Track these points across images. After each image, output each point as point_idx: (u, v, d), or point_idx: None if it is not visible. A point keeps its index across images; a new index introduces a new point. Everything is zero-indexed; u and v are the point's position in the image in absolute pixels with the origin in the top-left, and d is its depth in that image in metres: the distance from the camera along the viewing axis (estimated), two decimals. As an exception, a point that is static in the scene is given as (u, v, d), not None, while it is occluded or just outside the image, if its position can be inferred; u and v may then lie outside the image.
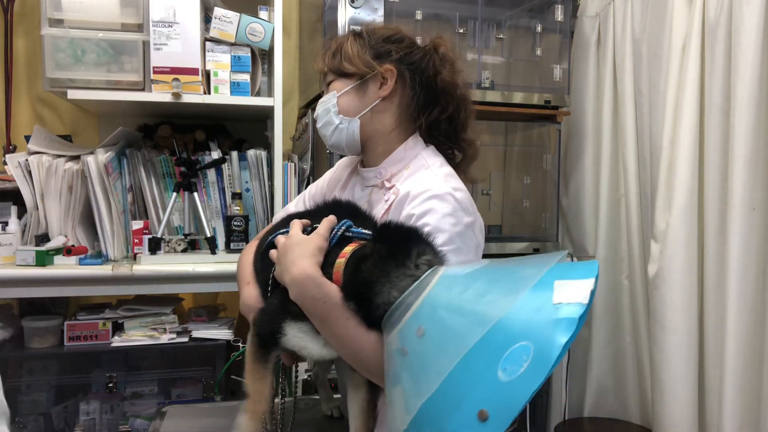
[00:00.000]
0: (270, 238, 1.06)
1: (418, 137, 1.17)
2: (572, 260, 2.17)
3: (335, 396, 1.38)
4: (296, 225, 1.00)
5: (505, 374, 0.60)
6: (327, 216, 0.98)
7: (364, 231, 0.96)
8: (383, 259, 0.86)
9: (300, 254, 0.93)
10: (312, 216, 1.04)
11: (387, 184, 1.14)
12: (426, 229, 0.95)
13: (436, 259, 0.87)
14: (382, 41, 1.16)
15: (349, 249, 0.92)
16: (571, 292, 0.63)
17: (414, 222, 0.99)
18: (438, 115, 1.16)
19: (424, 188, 1.04)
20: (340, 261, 0.91)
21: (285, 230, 1.02)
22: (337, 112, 1.15)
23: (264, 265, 1.06)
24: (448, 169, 1.13)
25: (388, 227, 0.94)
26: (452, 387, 0.64)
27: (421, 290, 0.79)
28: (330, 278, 0.91)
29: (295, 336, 0.94)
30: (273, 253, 1.01)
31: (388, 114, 1.15)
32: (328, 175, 1.35)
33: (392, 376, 0.77)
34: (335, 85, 1.17)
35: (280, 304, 0.96)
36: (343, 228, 0.96)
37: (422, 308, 0.76)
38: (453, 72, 1.17)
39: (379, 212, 1.10)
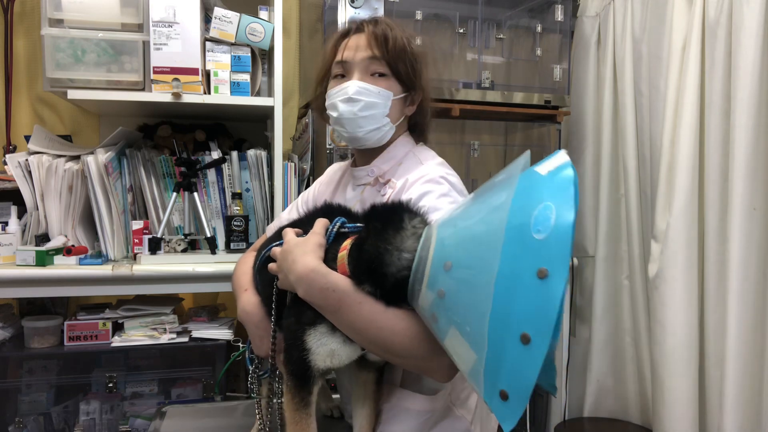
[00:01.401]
0: (264, 253, 1.07)
1: (409, 135, 1.22)
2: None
3: (334, 396, 1.37)
4: (290, 232, 1.00)
5: (541, 234, 0.63)
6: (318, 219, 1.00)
7: (358, 225, 0.97)
8: (381, 232, 0.87)
9: (300, 253, 0.93)
10: (303, 224, 1.05)
11: (381, 180, 1.16)
12: (423, 210, 0.97)
13: (427, 221, 0.90)
14: (420, 59, 1.17)
15: (348, 242, 0.93)
16: (552, 162, 0.70)
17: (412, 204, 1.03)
18: (425, 122, 1.23)
19: (419, 175, 1.08)
20: (342, 254, 0.91)
21: (278, 242, 1.02)
22: (385, 114, 1.14)
23: (263, 281, 1.05)
24: (440, 159, 1.18)
25: (375, 208, 0.96)
26: (506, 269, 0.65)
27: (429, 240, 0.81)
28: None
29: (319, 344, 0.92)
30: (272, 266, 1.00)
31: (402, 126, 1.21)
32: (320, 180, 1.37)
33: (441, 329, 0.77)
34: (387, 83, 1.13)
35: (295, 320, 0.95)
36: (338, 225, 0.97)
37: (438, 250, 0.78)
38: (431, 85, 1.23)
39: None
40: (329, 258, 0.93)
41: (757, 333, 1.73)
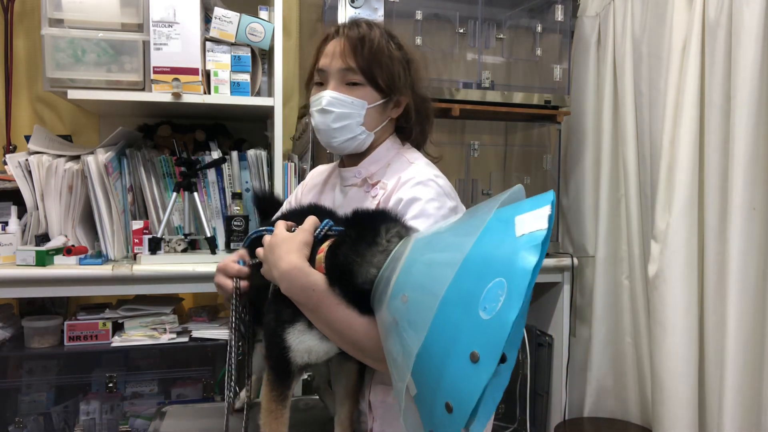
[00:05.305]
0: (251, 234, 1.11)
1: (396, 137, 1.22)
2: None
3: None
4: (280, 225, 1.02)
5: (486, 313, 0.62)
6: (308, 216, 1.02)
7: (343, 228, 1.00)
8: (354, 242, 0.90)
9: (287, 250, 0.95)
10: (294, 217, 1.07)
11: (370, 181, 1.17)
12: (413, 213, 1.00)
13: (406, 231, 0.91)
14: (407, 63, 1.16)
15: (326, 245, 0.95)
16: (531, 222, 0.66)
17: (402, 206, 1.04)
18: (417, 130, 1.23)
19: (410, 176, 1.10)
20: (320, 256, 0.94)
21: (270, 228, 1.04)
22: (360, 123, 1.13)
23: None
24: (427, 160, 1.19)
25: (356, 214, 0.98)
26: (439, 335, 0.66)
27: (397, 261, 0.81)
28: None
29: (298, 341, 0.96)
30: (260, 251, 1.03)
31: (387, 130, 1.20)
32: (303, 184, 1.37)
33: (389, 352, 0.77)
34: (363, 93, 1.12)
35: (275, 317, 0.99)
36: (326, 228, 1.00)
37: (401, 277, 0.78)
38: (428, 91, 1.23)
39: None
40: (311, 259, 0.96)
41: (757, 333, 1.73)
